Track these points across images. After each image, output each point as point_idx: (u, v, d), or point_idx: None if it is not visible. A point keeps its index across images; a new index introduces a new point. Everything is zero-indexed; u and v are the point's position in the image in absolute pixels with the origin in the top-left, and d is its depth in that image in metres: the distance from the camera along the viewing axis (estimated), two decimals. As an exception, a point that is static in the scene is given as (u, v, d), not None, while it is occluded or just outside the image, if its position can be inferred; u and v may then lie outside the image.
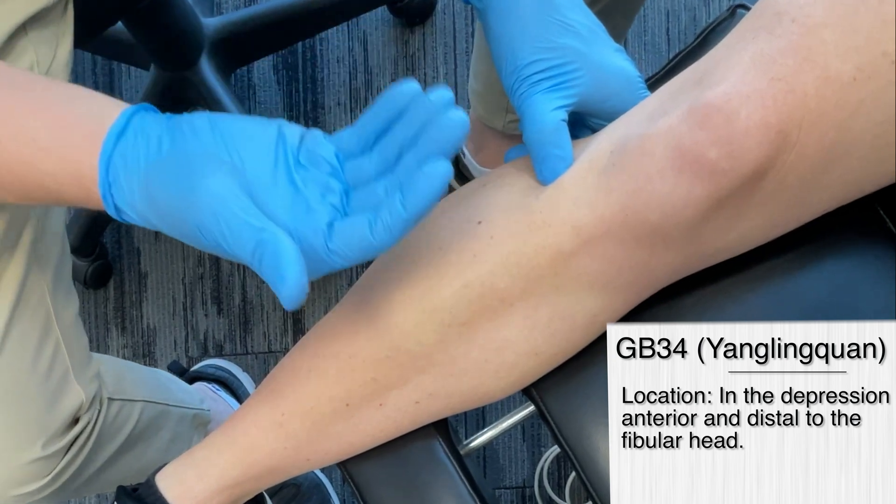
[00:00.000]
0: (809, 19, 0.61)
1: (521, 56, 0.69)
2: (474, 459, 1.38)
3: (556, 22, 0.69)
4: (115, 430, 1.02)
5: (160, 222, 0.59)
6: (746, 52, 0.62)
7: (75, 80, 1.61)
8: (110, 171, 0.59)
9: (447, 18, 1.62)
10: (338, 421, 0.74)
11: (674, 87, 0.67)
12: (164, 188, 0.57)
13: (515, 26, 0.69)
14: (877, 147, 0.63)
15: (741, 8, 0.81)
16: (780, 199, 0.64)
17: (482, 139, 1.42)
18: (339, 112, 1.61)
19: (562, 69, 0.69)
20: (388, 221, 0.54)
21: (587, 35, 0.70)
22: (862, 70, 0.60)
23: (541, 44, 0.69)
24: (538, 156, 0.68)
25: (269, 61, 1.61)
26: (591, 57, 0.69)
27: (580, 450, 0.74)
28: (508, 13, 0.69)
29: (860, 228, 0.72)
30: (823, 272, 0.71)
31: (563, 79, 0.69)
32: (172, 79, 1.45)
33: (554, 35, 0.69)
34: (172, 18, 1.37)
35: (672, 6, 1.62)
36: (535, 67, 0.69)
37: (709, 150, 0.60)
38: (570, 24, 0.69)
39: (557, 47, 0.69)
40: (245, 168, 0.57)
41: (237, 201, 0.55)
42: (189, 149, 0.57)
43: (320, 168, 0.58)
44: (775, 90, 0.60)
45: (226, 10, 1.64)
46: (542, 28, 0.69)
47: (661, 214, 0.62)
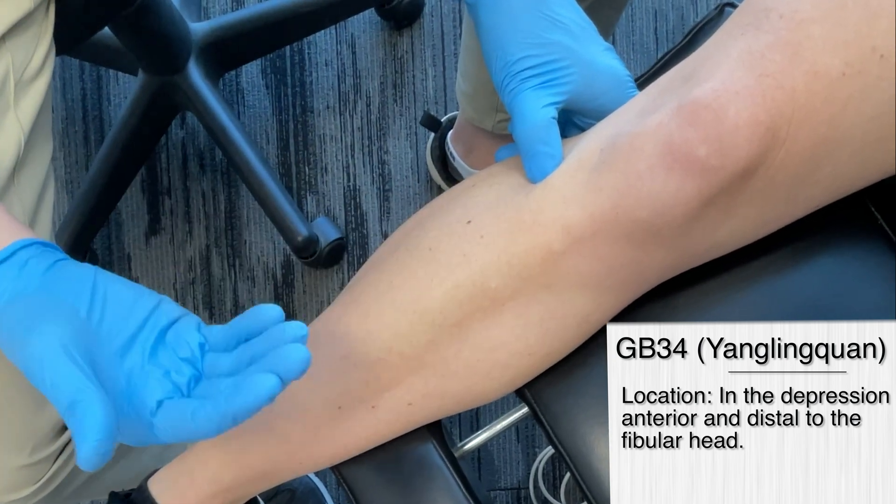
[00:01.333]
0: (797, 14, 0.61)
1: (511, 52, 0.69)
2: (469, 461, 1.38)
3: (547, 18, 0.69)
4: None
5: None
6: (734, 48, 0.62)
7: (63, 86, 1.61)
8: None
9: (435, 21, 1.62)
10: (330, 424, 0.73)
11: (662, 85, 0.67)
12: (9, 319, 0.59)
13: (506, 22, 0.69)
14: (867, 143, 0.63)
15: (729, 6, 0.81)
16: (771, 196, 0.64)
17: (472, 141, 1.42)
18: (329, 115, 1.61)
19: (552, 66, 0.69)
20: (210, 411, 0.56)
21: (578, 32, 0.70)
22: (851, 65, 0.60)
23: (531, 39, 0.69)
24: (527, 153, 0.68)
25: (258, 65, 1.61)
26: (581, 54, 0.69)
27: (574, 450, 0.74)
28: (499, 8, 0.69)
29: (852, 225, 0.72)
30: (816, 269, 0.71)
31: (553, 76, 0.69)
32: (161, 84, 1.45)
33: (544, 31, 0.69)
34: (160, 24, 1.36)
35: (660, 6, 1.62)
36: (525, 63, 0.69)
37: (698, 148, 0.60)
38: (560, 20, 0.69)
39: (548, 43, 0.69)
40: (101, 328, 0.59)
41: (66, 356, 0.57)
42: (52, 291, 0.60)
43: (179, 350, 0.60)
44: (764, 86, 0.60)
45: (213, 14, 1.64)
46: (532, 24, 0.69)
47: (652, 212, 0.62)
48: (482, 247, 0.67)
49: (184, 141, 1.62)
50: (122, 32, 1.35)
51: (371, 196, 1.59)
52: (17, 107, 0.76)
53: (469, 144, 1.43)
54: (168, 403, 0.58)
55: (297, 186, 1.60)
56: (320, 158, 1.61)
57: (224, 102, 1.46)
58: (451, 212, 0.70)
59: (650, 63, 1.62)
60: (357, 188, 1.60)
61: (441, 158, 1.53)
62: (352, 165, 1.60)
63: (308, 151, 1.61)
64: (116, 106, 1.62)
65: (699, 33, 0.81)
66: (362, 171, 1.60)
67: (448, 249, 0.68)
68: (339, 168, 1.61)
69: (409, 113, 1.60)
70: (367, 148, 1.61)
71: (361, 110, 1.61)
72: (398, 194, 1.59)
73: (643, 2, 1.62)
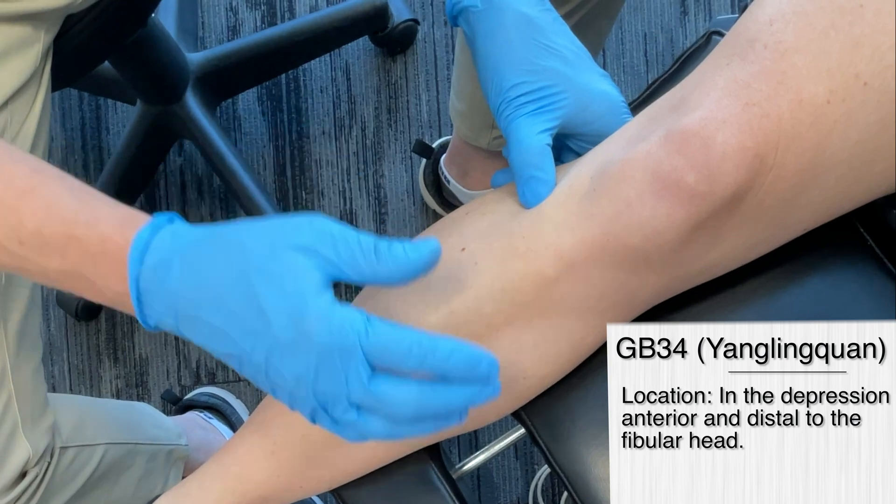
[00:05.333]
0: (781, 45, 0.62)
1: (506, 78, 0.70)
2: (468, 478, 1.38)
3: (542, 46, 0.70)
4: (69, 476, 1.01)
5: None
6: (721, 77, 0.63)
7: (62, 115, 1.62)
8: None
9: (428, 47, 1.63)
10: (330, 448, 0.73)
11: (651, 113, 0.67)
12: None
13: (502, 50, 0.70)
14: (853, 166, 0.64)
15: (716, 34, 0.82)
16: (760, 219, 0.65)
17: (467, 162, 1.43)
18: (324, 140, 1.62)
19: (546, 91, 0.70)
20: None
21: (572, 59, 0.71)
22: (835, 92, 0.61)
23: (526, 66, 0.70)
24: (521, 178, 0.69)
25: (254, 93, 1.62)
26: (575, 80, 0.70)
27: (572, 471, 0.74)
28: (495, 38, 0.70)
29: (841, 246, 0.73)
30: (807, 291, 0.71)
31: (547, 101, 0.70)
32: (159, 113, 1.46)
33: (539, 58, 0.70)
34: (157, 55, 1.38)
35: (649, 29, 1.64)
36: (520, 90, 0.70)
37: (687, 175, 0.61)
38: (555, 48, 0.70)
39: (542, 70, 0.70)
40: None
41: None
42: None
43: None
44: (750, 115, 0.61)
45: (210, 44, 1.65)
46: (527, 51, 0.70)
47: (642, 238, 0.63)
48: (477, 273, 0.68)
49: (182, 168, 1.62)
50: (121, 64, 1.37)
51: (367, 219, 1.60)
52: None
53: (464, 166, 1.44)
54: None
55: (295, 211, 1.61)
56: (317, 183, 1.62)
57: (221, 130, 1.47)
58: (446, 239, 0.70)
59: (640, 84, 1.64)
60: (353, 212, 1.61)
61: (435, 183, 1.54)
62: (348, 189, 1.61)
63: (304, 176, 1.62)
64: (115, 135, 1.63)
65: (688, 60, 0.82)
66: (358, 195, 1.61)
67: (443, 276, 0.68)
68: (336, 192, 1.61)
69: (404, 137, 1.62)
70: (363, 172, 1.61)
71: (357, 135, 1.62)
72: (394, 217, 1.60)
73: (633, 25, 1.63)
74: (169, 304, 0.59)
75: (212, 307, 0.58)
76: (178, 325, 0.59)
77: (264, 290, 0.57)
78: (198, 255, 0.59)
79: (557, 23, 0.71)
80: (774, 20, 0.63)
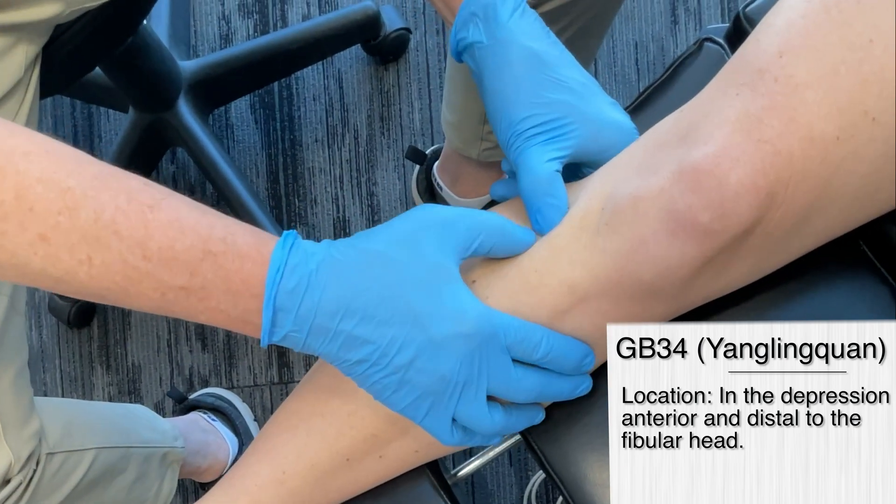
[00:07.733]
0: (792, 79, 0.62)
1: (515, 112, 0.70)
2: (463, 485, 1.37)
3: (550, 79, 0.70)
4: (57, 482, 1.00)
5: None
6: (731, 109, 0.63)
7: (54, 123, 1.62)
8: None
9: (420, 55, 1.63)
10: (339, 475, 0.73)
11: (659, 138, 0.67)
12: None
13: (509, 84, 0.70)
14: (858, 197, 0.64)
15: (708, 41, 0.81)
16: (767, 248, 0.65)
17: (458, 170, 1.43)
18: (317, 148, 1.62)
19: (556, 123, 0.70)
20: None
21: (580, 90, 0.70)
22: (844, 129, 0.61)
23: (534, 99, 0.70)
24: (533, 206, 0.69)
25: (247, 101, 1.62)
26: (584, 110, 0.70)
27: (567, 477, 0.74)
28: (502, 72, 0.70)
29: (844, 263, 0.73)
30: (811, 307, 0.71)
31: (557, 132, 0.70)
32: (151, 121, 1.46)
33: (548, 91, 0.70)
34: (149, 63, 1.38)
35: (640, 38, 1.64)
36: (530, 122, 0.70)
37: (701, 214, 0.61)
38: (563, 80, 0.70)
39: (551, 102, 0.69)
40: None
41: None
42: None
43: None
44: (763, 152, 0.61)
45: (202, 52, 1.65)
46: (535, 85, 0.70)
47: (655, 274, 0.63)
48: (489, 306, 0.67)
49: (175, 176, 1.62)
50: (113, 72, 1.37)
51: (360, 227, 1.60)
52: None
53: (455, 174, 1.44)
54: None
55: (288, 218, 1.61)
56: (310, 191, 1.62)
57: (214, 138, 1.47)
58: None
59: (632, 92, 1.64)
60: (346, 219, 1.61)
61: (428, 189, 1.54)
62: (341, 197, 1.61)
63: (297, 184, 1.62)
64: (108, 142, 1.63)
65: (679, 67, 0.82)
66: (351, 203, 1.61)
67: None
68: (329, 200, 1.61)
69: (397, 145, 1.62)
70: (356, 180, 1.62)
71: (349, 143, 1.62)
72: (387, 225, 1.60)
73: (624, 34, 1.64)
74: (303, 320, 0.61)
75: (353, 318, 0.62)
76: (307, 338, 0.62)
77: (415, 294, 0.62)
78: (342, 272, 0.62)
79: (564, 55, 0.71)
80: (784, 52, 0.63)
